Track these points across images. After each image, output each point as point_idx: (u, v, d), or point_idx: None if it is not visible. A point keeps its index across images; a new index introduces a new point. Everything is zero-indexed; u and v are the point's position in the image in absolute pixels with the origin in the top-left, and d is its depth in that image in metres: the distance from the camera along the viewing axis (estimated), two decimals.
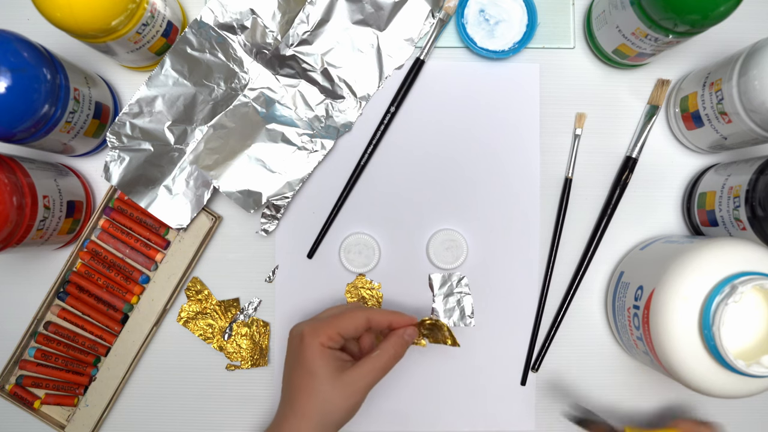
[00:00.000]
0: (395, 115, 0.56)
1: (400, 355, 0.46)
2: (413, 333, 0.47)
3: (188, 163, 0.54)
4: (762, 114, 0.45)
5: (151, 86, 0.53)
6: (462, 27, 0.55)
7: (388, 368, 0.45)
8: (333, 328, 0.44)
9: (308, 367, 0.44)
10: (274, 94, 0.56)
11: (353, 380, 0.44)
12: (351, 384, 0.43)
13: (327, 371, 0.43)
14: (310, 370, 0.44)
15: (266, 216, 0.55)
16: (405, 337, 0.46)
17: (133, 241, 0.56)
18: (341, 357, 0.45)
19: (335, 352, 0.45)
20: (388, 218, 0.57)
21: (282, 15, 0.55)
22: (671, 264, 0.46)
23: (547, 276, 0.57)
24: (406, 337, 0.46)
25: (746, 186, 0.47)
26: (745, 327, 0.43)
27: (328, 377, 0.43)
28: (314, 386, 0.43)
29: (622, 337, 0.54)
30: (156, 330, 0.56)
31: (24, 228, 0.47)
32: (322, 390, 0.43)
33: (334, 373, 0.43)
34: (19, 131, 0.44)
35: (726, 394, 0.44)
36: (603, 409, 0.57)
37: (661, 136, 0.57)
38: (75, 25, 0.43)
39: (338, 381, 0.43)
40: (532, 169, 0.57)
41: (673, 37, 0.46)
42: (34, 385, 0.55)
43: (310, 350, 0.44)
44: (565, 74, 0.57)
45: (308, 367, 0.44)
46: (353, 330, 0.45)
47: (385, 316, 0.46)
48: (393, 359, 0.45)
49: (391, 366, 0.45)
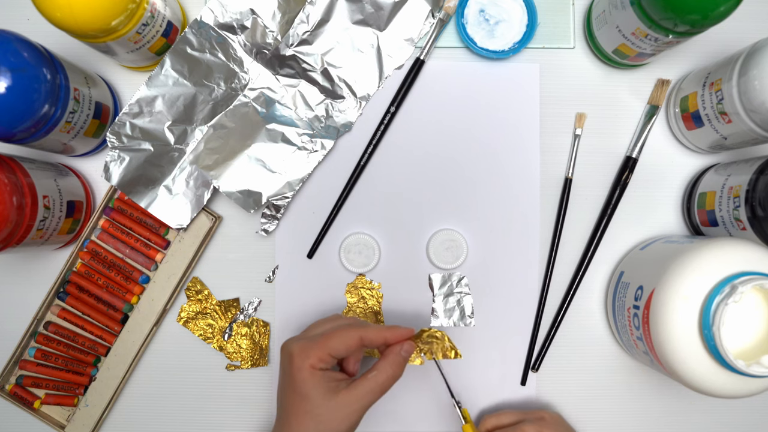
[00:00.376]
0: (395, 115, 0.56)
1: (398, 375, 0.43)
2: (411, 348, 0.44)
3: (188, 163, 0.54)
4: (762, 114, 0.45)
5: (151, 86, 0.53)
6: (462, 27, 0.55)
7: (386, 389, 0.43)
8: (323, 350, 0.42)
9: (299, 390, 0.42)
10: (274, 94, 0.56)
11: (348, 402, 0.42)
12: (346, 406, 0.41)
13: (319, 393, 0.41)
14: (301, 393, 0.42)
15: (266, 216, 0.55)
16: (402, 353, 0.43)
17: (133, 241, 0.56)
18: (334, 377, 0.43)
19: (327, 372, 0.43)
20: (388, 218, 0.57)
21: (282, 15, 0.55)
22: (671, 264, 0.46)
23: (547, 276, 0.57)
24: (403, 353, 0.43)
25: (746, 186, 0.47)
26: (745, 327, 0.43)
27: (321, 399, 0.41)
28: (307, 409, 0.42)
29: (622, 337, 0.54)
30: (156, 330, 0.56)
31: (24, 228, 0.47)
32: (316, 413, 0.41)
33: (326, 394, 0.41)
34: (19, 131, 0.44)
35: (726, 394, 0.44)
36: (603, 408, 0.57)
37: (661, 136, 0.57)
38: (75, 25, 0.43)
39: (332, 402, 0.41)
40: (532, 169, 0.57)
41: (673, 37, 0.46)
42: (34, 385, 0.55)
43: (300, 373, 0.42)
44: (565, 74, 0.57)
45: (299, 389, 0.42)
46: (344, 350, 0.43)
47: (380, 334, 0.44)
48: (391, 380, 0.43)
49: (389, 386, 0.43)
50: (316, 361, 0.42)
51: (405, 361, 0.44)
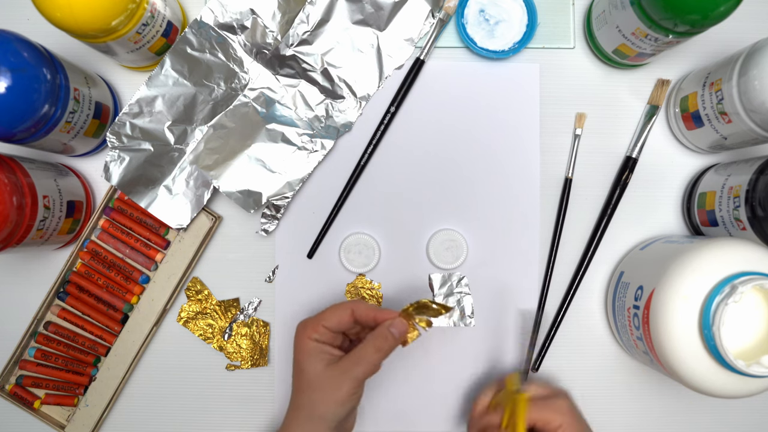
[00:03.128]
0: (395, 115, 0.56)
1: (385, 349, 0.44)
2: (400, 325, 0.45)
3: (188, 163, 0.54)
4: (762, 114, 0.45)
5: (151, 86, 0.53)
6: (462, 27, 0.55)
7: (374, 362, 0.44)
8: (318, 321, 0.46)
9: (298, 362, 0.46)
10: (274, 94, 0.56)
11: (336, 374, 0.44)
12: (335, 377, 0.44)
13: (312, 365, 0.44)
14: (299, 365, 0.45)
15: (266, 216, 0.55)
16: (391, 329, 0.45)
17: (133, 241, 0.56)
18: (330, 351, 0.45)
19: (323, 346, 0.45)
20: (388, 218, 0.57)
21: (282, 15, 0.55)
22: (671, 264, 0.46)
23: (547, 276, 0.57)
24: (391, 329, 0.45)
25: (746, 186, 0.47)
26: (745, 327, 0.43)
27: (314, 370, 0.44)
28: (303, 379, 0.45)
29: (622, 337, 0.54)
30: (156, 330, 0.56)
31: (24, 228, 0.47)
32: (310, 384, 0.44)
33: (318, 366, 0.44)
34: (19, 131, 0.44)
35: (726, 394, 0.44)
36: (603, 408, 0.57)
37: (661, 136, 0.57)
38: (75, 25, 0.43)
39: (323, 373, 0.44)
40: (532, 169, 0.57)
41: (673, 37, 0.46)
42: (34, 385, 0.55)
43: (298, 345, 0.46)
44: (565, 74, 0.57)
45: (298, 362, 0.46)
46: (337, 322, 0.45)
47: (371, 310, 0.46)
48: (376, 352, 0.44)
49: (376, 359, 0.44)
50: (311, 332, 0.45)
51: (392, 336, 0.45)
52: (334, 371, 0.44)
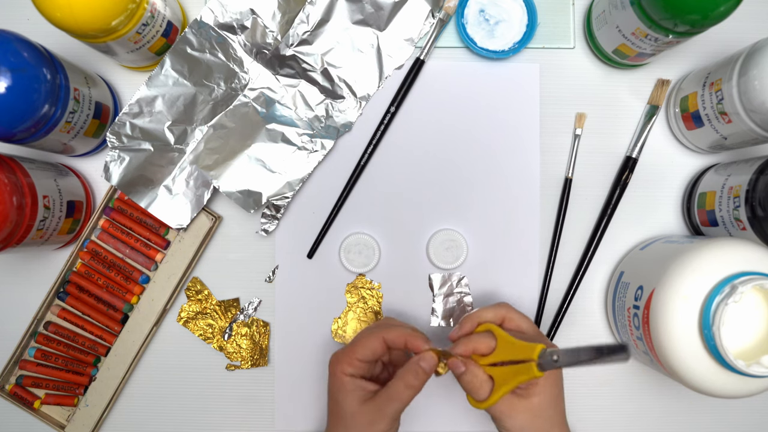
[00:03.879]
0: (395, 115, 0.56)
1: (416, 385, 0.43)
2: (430, 360, 0.44)
3: (188, 163, 0.54)
4: (762, 114, 0.45)
5: (151, 86, 0.53)
6: (462, 27, 0.55)
7: (406, 398, 0.43)
8: (351, 355, 0.45)
9: (334, 397, 0.46)
10: (274, 94, 0.56)
11: (370, 410, 0.44)
12: (371, 413, 0.44)
13: (348, 401, 0.44)
14: (336, 399, 0.45)
15: (266, 216, 0.55)
16: (421, 364, 0.43)
17: (133, 241, 0.56)
18: (365, 387, 0.45)
19: (358, 381, 0.45)
20: (388, 218, 0.57)
21: (282, 15, 0.55)
22: (671, 264, 0.46)
23: (547, 276, 0.57)
24: (422, 364, 0.43)
25: (746, 186, 0.47)
26: (745, 327, 0.43)
27: (349, 407, 0.44)
28: (339, 414, 0.45)
29: (622, 337, 0.54)
30: (156, 330, 0.56)
31: (24, 228, 0.47)
32: (345, 419, 0.44)
33: (355, 403, 0.44)
34: (19, 131, 0.44)
35: (726, 394, 0.44)
36: (603, 408, 0.57)
37: (661, 136, 0.57)
38: (75, 25, 0.43)
39: (358, 411, 0.44)
40: (532, 169, 0.57)
41: (673, 37, 0.46)
42: (34, 385, 0.55)
43: (333, 380, 0.46)
44: (565, 74, 0.57)
45: (334, 396, 0.46)
46: (371, 353, 0.45)
47: (400, 335, 0.45)
48: (407, 389, 0.43)
49: (409, 395, 0.43)
50: (346, 367, 0.45)
51: (422, 371, 0.44)
52: (369, 408, 0.44)
